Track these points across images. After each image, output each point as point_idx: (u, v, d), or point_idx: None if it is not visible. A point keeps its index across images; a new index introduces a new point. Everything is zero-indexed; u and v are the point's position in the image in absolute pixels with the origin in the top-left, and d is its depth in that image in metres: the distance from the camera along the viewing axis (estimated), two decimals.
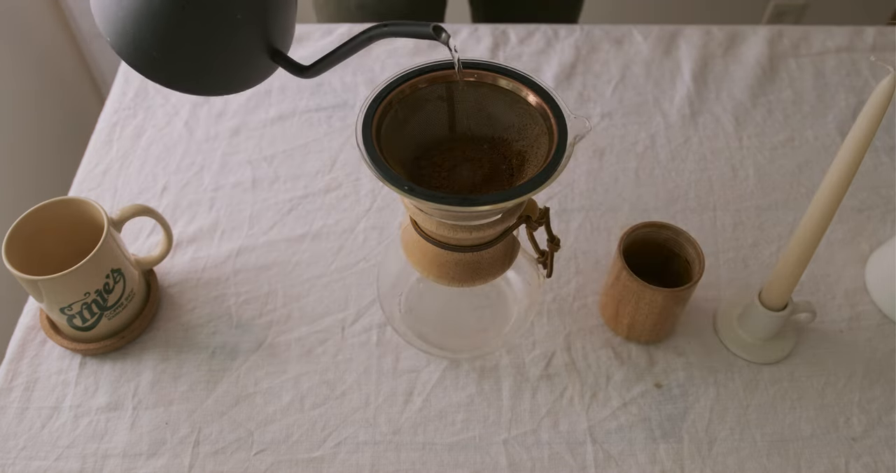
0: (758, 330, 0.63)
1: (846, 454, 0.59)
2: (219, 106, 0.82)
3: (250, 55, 0.45)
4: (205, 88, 0.46)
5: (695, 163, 0.78)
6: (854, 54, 0.88)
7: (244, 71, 0.46)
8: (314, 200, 0.74)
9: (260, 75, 0.47)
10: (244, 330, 0.65)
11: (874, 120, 0.49)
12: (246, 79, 0.47)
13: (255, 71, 0.47)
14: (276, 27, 0.46)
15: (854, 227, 0.72)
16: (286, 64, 0.47)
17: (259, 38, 0.45)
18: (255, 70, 0.47)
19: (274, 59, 0.47)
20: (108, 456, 0.58)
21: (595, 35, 0.90)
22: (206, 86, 0.46)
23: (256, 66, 0.47)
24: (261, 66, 0.47)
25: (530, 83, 0.48)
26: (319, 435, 0.59)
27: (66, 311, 0.59)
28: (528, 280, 0.63)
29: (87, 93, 1.31)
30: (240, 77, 0.47)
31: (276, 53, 0.47)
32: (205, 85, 0.46)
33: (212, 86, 0.46)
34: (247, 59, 0.45)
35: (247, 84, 0.47)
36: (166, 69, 0.43)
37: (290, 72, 0.47)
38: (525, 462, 0.58)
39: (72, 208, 0.61)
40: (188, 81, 0.45)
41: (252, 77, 0.47)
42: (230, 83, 0.46)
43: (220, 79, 0.46)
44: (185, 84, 0.45)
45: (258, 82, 0.48)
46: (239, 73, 0.46)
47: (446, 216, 0.47)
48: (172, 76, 0.44)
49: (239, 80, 0.47)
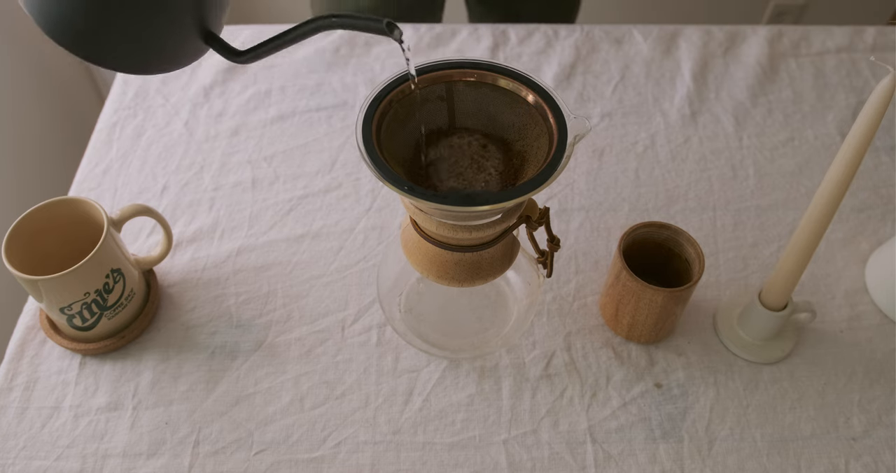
0: (758, 330, 0.63)
1: (846, 454, 0.59)
2: (219, 106, 0.82)
3: (183, 35, 0.44)
4: (130, 66, 0.44)
5: (695, 163, 0.78)
6: (854, 54, 0.88)
7: (175, 51, 0.44)
8: (314, 200, 0.74)
9: (190, 57, 0.46)
10: (244, 330, 0.65)
11: (874, 120, 0.49)
12: (175, 60, 0.45)
13: (187, 52, 0.45)
14: (211, 7, 0.45)
15: (854, 227, 0.72)
16: (219, 47, 0.46)
17: (195, 20, 0.43)
18: (186, 51, 0.45)
19: (207, 42, 0.45)
20: (108, 456, 0.58)
21: (595, 35, 0.90)
22: (131, 64, 0.44)
23: (188, 47, 0.45)
24: (193, 47, 0.45)
25: (530, 83, 0.48)
26: (319, 435, 0.59)
27: (66, 311, 0.59)
28: (528, 280, 0.63)
29: (87, 93, 1.31)
30: (169, 57, 0.45)
31: (209, 36, 0.45)
32: (131, 63, 0.43)
33: (138, 65, 0.44)
34: (179, 39, 0.44)
35: (175, 65, 0.45)
36: (91, 43, 0.41)
37: (223, 56, 0.46)
38: (525, 462, 0.58)
39: (72, 208, 0.61)
40: (113, 58, 0.42)
41: (182, 58, 0.45)
42: (158, 63, 0.44)
43: (148, 58, 0.44)
44: (109, 60, 0.42)
45: (187, 64, 0.46)
46: (169, 53, 0.44)
47: (446, 216, 0.47)
48: (97, 51, 0.42)
49: (168, 61, 0.45)
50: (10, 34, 1.07)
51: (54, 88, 1.20)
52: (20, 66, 1.10)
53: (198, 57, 0.46)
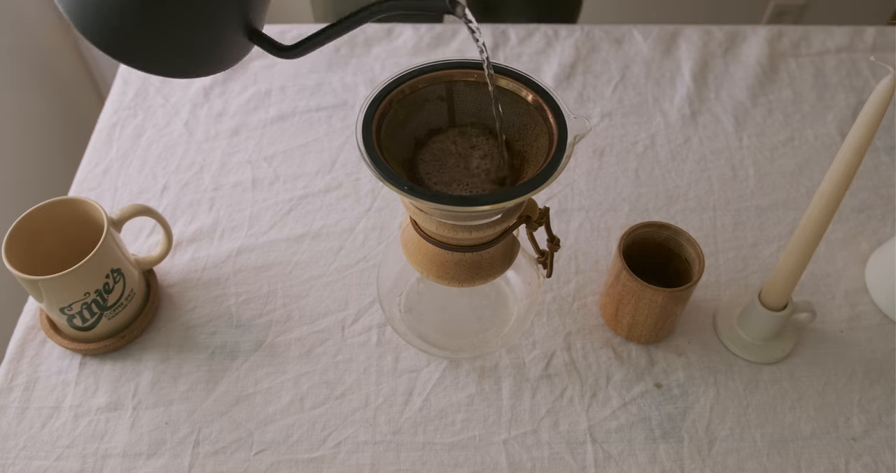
0: (758, 330, 0.62)
1: (846, 454, 0.59)
2: (219, 106, 0.82)
3: (228, 33, 0.40)
4: (173, 69, 0.40)
5: (695, 163, 0.78)
6: (854, 54, 0.88)
7: (220, 51, 0.41)
8: (314, 200, 0.74)
9: (234, 57, 0.43)
10: (244, 330, 0.65)
11: (874, 120, 0.49)
12: (219, 61, 0.42)
13: (231, 52, 0.42)
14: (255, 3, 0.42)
15: (854, 227, 0.72)
16: (265, 43, 0.42)
17: (238, 15, 0.40)
18: (230, 51, 0.42)
19: (252, 39, 0.42)
20: (108, 456, 0.58)
21: (595, 35, 0.90)
22: (174, 66, 0.40)
23: (232, 47, 0.42)
24: (237, 46, 0.42)
25: (530, 83, 0.48)
26: (319, 435, 0.59)
27: (66, 311, 0.59)
28: (528, 280, 0.63)
29: (87, 93, 1.31)
30: (214, 58, 0.41)
31: (253, 32, 0.42)
32: (174, 65, 0.40)
33: (181, 68, 0.41)
34: (223, 38, 0.40)
35: (219, 66, 0.42)
36: (132, 44, 0.38)
37: (269, 52, 0.43)
38: (525, 462, 0.58)
39: (72, 208, 0.61)
40: (158, 61, 0.39)
41: (227, 58, 0.42)
42: (203, 65, 0.41)
43: (192, 60, 0.41)
44: (154, 64, 0.39)
45: (231, 65, 0.43)
46: (213, 54, 0.41)
47: (446, 216, 0.47)
48: (141, 54, 0.39)
49: (213, 62, 0.42)
50: (11, 34, 1.07)
51: (54, 88, 1.20)
52: (20, 66, 1.10)
53: (243, 55, 0.43)
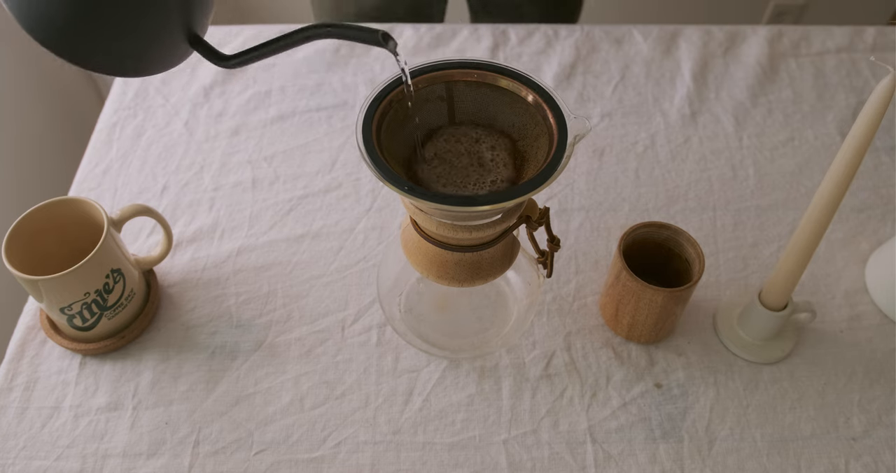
0: (758, 330, 0.62)
1: (846, 454, 0.59)
2: (219, 106, 0.82)
3: (169, 37, 0.43)
4: (113, 68, 0.43)
5: (695, 163, 0.78)
6: (854, 54, 0.88)
7: (159, 54, 0.43)
8: (314, 200, 0.74)
9: (174, 60, 0.45)
10: (244, 330, 0.65)
11: (874, 120, 0.49)
12: (159, 64, 0.44)
13: (171, 55, 0.44)
14: (196, 9, 0.44)
15: (854, 227, 0.72)
16: (205, 51, 0.45)
17: (180, 20, 0.43)
18: (171, 54, 0.44)
19: (192, 45, 0.44)
20: (108, 456, 0.58)
21: (595, 35, 0.90)
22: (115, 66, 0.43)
23: (174, 51, 0.44)
24: (178, 50, 0.44)
25: (530, 83, 0.48)
26: (319, 435, 0.59)
27: (66, 311, 0.59)
28: (528, 280, 0.63)
29: (87, 93, 1.31)
30: (153, 59, 0.44)
31: (195, 39, 0.44)
32: (114, 65, 0.42)
33: (121, 67, 0.43)
34: (164, 42, 0.43)
35: (158, 69, 0.44)
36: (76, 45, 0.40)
37: (208, 59, 0.45)
38: (525, 462, 0.58)
39: (72, 208, 0.61)
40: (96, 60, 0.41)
41: (166, 61, 0.44)
42: (141, 65, 0.43)
43: (131, 61, 0.43)
44: (92, 62, 0.42)
45: (170, 67, 0.45)
46: (153, 56, 0.43)
47: (446, 216, 0.47)
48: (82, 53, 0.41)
49: (152, 63, 0.44)
50: (11, 35, 1.07)
51: (54, 89, 1.20)
52: (20, 66, 1.10)
53: (182, 60, 0.46)
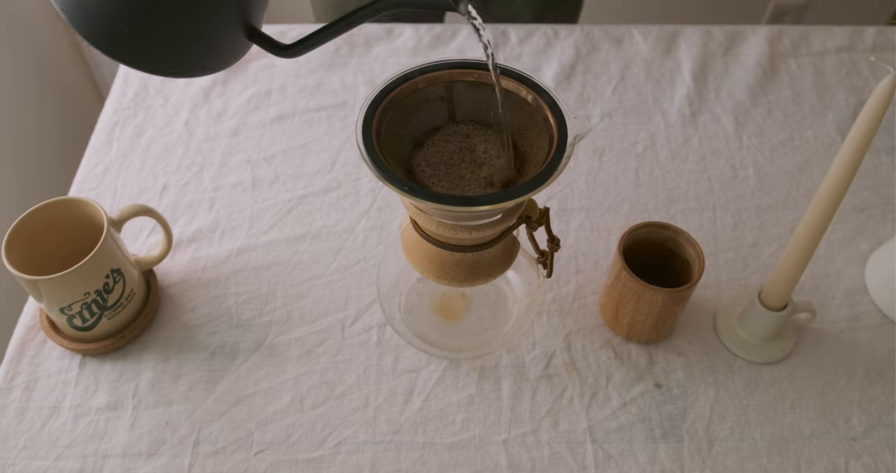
0: (758, 330, 0.62)
1: (846, 454, 0.59)
2: (219, 106, 0.82)
3: (227, 32, 0.41)
4: (174, 69, 0.41)
5: (695, 163, 0.78)
6: (854, 54, 0.88)
7: (219, 50, 0.42)
8: (314, 200, 0.74)
9: (233, 56, 0.43)
10: (244, 330, 0.65)
11: (874, 120, 0.49)
12: (219, 60, 0.42)
13: (230, 50, 0.42)
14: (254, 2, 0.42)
15: (854, 227, 0.72)
16: (264, 42, 0.43)
17: (237, 14, 0.41)
18: (229, 49, 0.42)
19: (251, 38, 0.43)
20: (108, 456, 0.58)
21: (595, 35, 0.90)
22: (175, 66, 0.41)
23: (231, 46, 0.42)
24: (236, 45, 0.42)
25: (530, 83, 0.48)
26: (319, 435, 0.59)
27: (66, 311, 0.59)
28: (528, 280, 0.63)
29: (87, 93, 1.31)
30: (213, 57, 0.42)
31: (252, 31, 0.43)
32: (175, 64, 0.41)
33: (182, 67, 0.41)
34: (223, 37, 0.41)
35: (218, 65, 0.43)
36: (134, 45, 0.38)
37: (268, 50, 0.43)
38: (525, 462, 0.58)
39: (72, 208, 0.61)
40: (157, 60, 0.40)
41: (225, 57, 0.43)
42: (203, 63, 0.42)
43: (192, 59, 0.41)
44: (153, 63, 0.40)
45: (230, 64, 0.43)
46: (213, 53, 0.42)
47: (446, 216, 0.47)
48: (141, 54, 0.39)
49: (212, 61, 0.42)
50: (11, 34, 1.07)
51: (54, 88, 1.20)
52: (20, 66, 1.10)
53: (242, 54, 0.44)
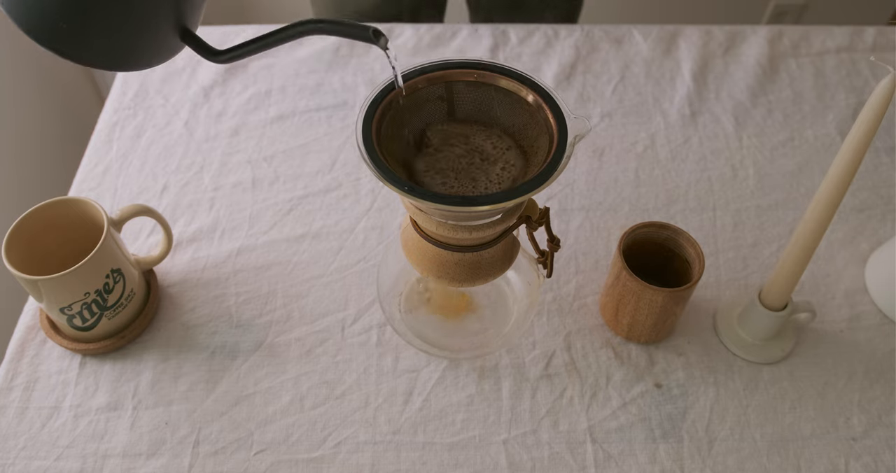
0: (758, 330, 0.63)
1: (846, 454, 0.59)
2: (219, 106, 0.82)
3: (161, 33, 0.44)
4: (109, 63, 0.44)
5: (695, 163, 0.78)
6: (854, 54, 0.88)
7: (153, 49, 0.45)
8: (314, 200, 0.74)
9: (166, 54, 0.46)
10: (244, 330, 0.65)
11: (874, 120, 0.49)
12: (152, 58, 0.46)
13: (163, 49, 0.46)
14: (187, 3, 0.45)
15: (854, 227, 0.72)
16: (196, 45, 0.46)
17: (171, 17, 0.44)
18: (163, 49, 0.46)
19: (184, 39, 0.46)
20: (108, 456, 0.58)
21: (595, 35, 0.90)
22: (111, 61, 0.44)
23: (165, 45, 0.45)
24: (169, 45, 0.46)
25: (530, 83, 0.48)
26: (319, 435, 0.59)
27: (66, 311, 0.59)
28: (528, 280, 0.63)
29: (87, 93, 1.31)
30: (147, 55, 0.45)
31: (186, 33, 0.46)
32: (110, 60, 0.44)
33: (117, 62, 0.44)
34: (157, 37, 0.44)
35: (152, 62, 0.46)
36: (72, 41, 0.42)
37: (200, 54, 0.46)
38: (525, 462, 0.58)
39: (72, 208, 0.61)
40: (94, 55, 0.43)
41: (158, 55, 0.46)
42: (136, 60, 0.45)
43: (127, 56, 0.44)
44: (90, 58, 0.43)
45: (163, 61, 0.47)
46: (147, 51, 0.45)
47: (446, 216, 0.47)
48: (78, 49, 0.42)
49: (146, 58, 0.45)
50: (11, 35, 1.07)
51: (54, 88, 1.20)
52: (20, 66, 1.10)
53: (174, 54, 0.47)
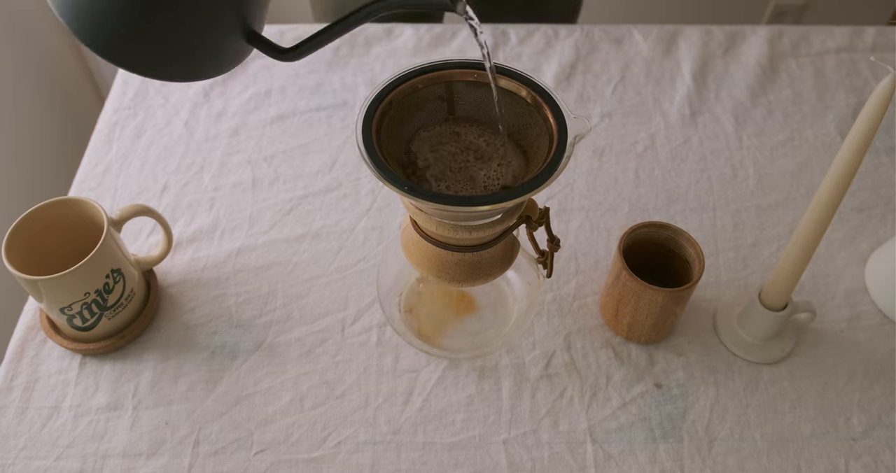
0: (758, 330, 0.63)
1: (846, 454, 0.59)
2: (219, 106, 0.82)
3: (228, 37, 0.41)
4: (173, 73, 0.41)
5: (695, 163, 0.78)
6: (854, 54, 0.88)
7: (219, 55, 0.42)
8: (314, 200, 0.74)
9: (234, 60, 0.43)
10: (244, 330, 0.65)
11: (874, 120, 0.49)
12: (219, 64, 0.42)
13: (230, 55, 0.42)
14: (254, 6, 0.42)
15: (854, 227, 0.72)
16: (264, 46, 0.43)
17: (237, 18, 0.41)
18: (229, 54, 0.42)
19: (250, 42, 0.43)
20: (108, 456, 0.58)
21: (595, 35, 0.90)
22: (175, 71, 0.41)
23: (231, 50, 0.42)
24: (236, 49, 0.42)
25: (530, 83, 0.48)
26: (319, 435, 0.59)
27: (66, 311, 0.59)
28: (528, 280, 0.63)
29: (87, 93, 1.31)
30: (213, 61, 0.42)
31: (252, 35, 0.43)
32: (175, 70, 0.40)
33: (181, 72, 0.41)
34: (223, 42, 0.41)
35: (219, 69, 0.43)
36: (134, 50, 0.38)
37: (268, 55, 0.43)
38: (525, 462, 0.58)
39: (72, 208, 0.61)
40: (157, 65, 0.40)
41: (225, 62, 0.43)
42: (202, 68, 0.42)
43: (192, 64, 0.41)
44: (153, 68, 0.40)
45: (230, 68, 0.43)
46: (213, 58, 0.42)
47: (446, 216, 0.47)
48: (140, 58, 0.39)
49: (212, 65, 0.42)
50: (11, 34, 1.07)
51: (54, 88, 1.20)
52: (21, 66, 1.10)
53: (243, 58, 0.44)
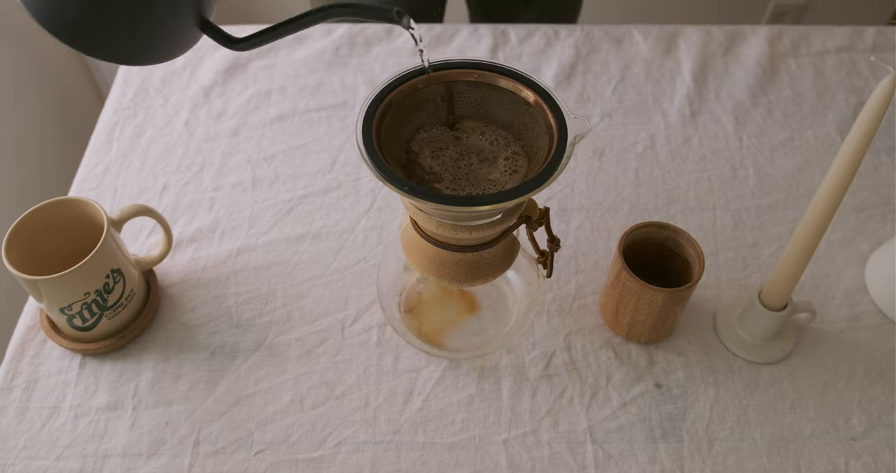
0: (758, 330, 0.63)
1: (846, 454, 0.59)
2: (219, 106, 0.82)
3: (180, 23, 0.44)
4: (127, 56, 0.44)
5: (695, 163, 0.78)
6: (854, 54, 0.88)
7: (171, 40, 0.45)
8: (314, 200, 0.74)
9: (185, 45, 0.46)
10: (244, 330, 0.65)
11: (874, 120, 0.49)
12: (171, 49, 0.45)
13: (182, 40, 0.45)
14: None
15: (854, 227, 0.72)
16: (215, 34, 0.46)
17: (191, 5, 0.44)
18: (182, 39, 0.45)
19: (203, 29, 0.45)
20: (108, 456, 0.58)
21: (595, 35, 0.90)
22: (129, 53, 0.43)
23: (184, 35, 0.45)
24: (188, 35, 0.45)
25: (530, 83, 0.48)
26: (319, 435, 0.59)
27: (66, 311, 0.59)
28: (528, 280, 0.63)
29: (87, 93, 1.31)
30: (166, 46, 0.45)
31: (205, 23, 0.45)
32: (129, 53, 0.43)
33: (135, 55, 0.44)
34: (176, 27, 0.44)
35: (171, 54, 0.46)
36: (90, 34, 0.41)
37: (219, 42, 0.46)
38: (525, 462, 0.58)
39: (72, 208, 0.61)
40: (112, 48, 0.42)
41: (178, 47, 0.46)
42: (155, 53, 0.44)
43: (146, 48, 0.44)
44: (107, 51, 0.42)
45: (181, 53, 0.46)
46: (166, 42, 0.44)
47: (446, 216, 0.47)
48: (96, 43, 0.42)
49: (164, 50, 0.45)
50: (11, 34, 1.07)
51: (54, 88, 1.20)
52: (20, 66, 1.10)
53: (192, 45, 0.46)
